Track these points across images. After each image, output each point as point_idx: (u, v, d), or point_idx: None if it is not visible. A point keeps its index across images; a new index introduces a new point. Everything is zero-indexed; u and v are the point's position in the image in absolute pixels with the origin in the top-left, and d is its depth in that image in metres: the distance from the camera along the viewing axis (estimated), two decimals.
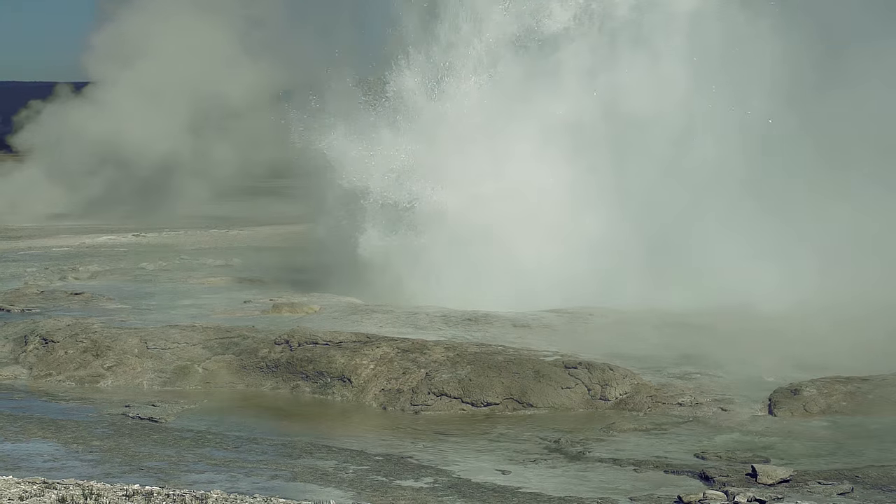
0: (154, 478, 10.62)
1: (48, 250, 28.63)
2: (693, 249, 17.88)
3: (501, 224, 18.57)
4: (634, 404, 13.41)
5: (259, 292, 20.01)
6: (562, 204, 19.02)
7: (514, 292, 18.04)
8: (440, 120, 19.85)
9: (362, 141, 19.91)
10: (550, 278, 18.16)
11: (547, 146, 19.46)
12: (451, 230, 18.85)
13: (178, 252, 27.52)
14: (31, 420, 13.16)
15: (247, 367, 15.22)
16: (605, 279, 17.97)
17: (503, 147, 19.43)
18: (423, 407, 13.79)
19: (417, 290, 18.66)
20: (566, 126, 19.45)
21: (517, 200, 18.79)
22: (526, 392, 13.74)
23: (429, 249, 18.94)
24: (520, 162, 19.24)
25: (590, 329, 16.69)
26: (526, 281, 18.22)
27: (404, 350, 14.76)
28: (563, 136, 19.41)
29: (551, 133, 19.51)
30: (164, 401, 14.23)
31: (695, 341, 15.86)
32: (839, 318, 15.51)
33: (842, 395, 13.15)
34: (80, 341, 16.06)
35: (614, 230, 18.48)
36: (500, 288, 18.18)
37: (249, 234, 32.09)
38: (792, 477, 10.50)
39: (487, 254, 18.46)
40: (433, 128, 19.80)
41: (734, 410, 13.00)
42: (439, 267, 18.78)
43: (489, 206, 18.75)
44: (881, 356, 14.17)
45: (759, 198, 18.41)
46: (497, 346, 15.00)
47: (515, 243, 18.45)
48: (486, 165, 19.26)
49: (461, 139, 19.54)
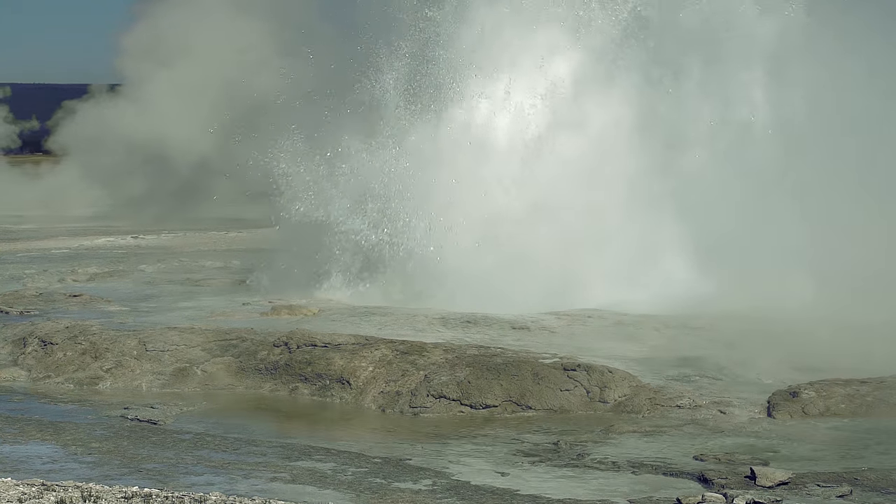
0: (153, 480, 10.60)
1: (47, 252, 28.65)
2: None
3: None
4: (633, 406, 13.41)
5: (258, 294, 20.00)
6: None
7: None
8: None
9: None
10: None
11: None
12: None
13: (177, 254, 27.55)
14: (30, 422, 13.15)
15: (246, 369, 15.21)
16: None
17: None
18: (421, 409, 13.79)
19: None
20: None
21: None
22: (525, 394, 13.74)
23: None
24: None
25: (589, 331, 16.70)
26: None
27: (403, 352, 14.76)
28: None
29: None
30: (163, 403, 14.23)
31: (694, 343, 15.89)
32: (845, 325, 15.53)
33: (841, 397, 13.16)
34: (78, 343, 16.06)
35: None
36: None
37: (248, 235, 32.12)
38: (791, 479, 10.50)
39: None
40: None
41: (733, 413, 13.00)
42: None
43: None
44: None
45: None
46: (496, 349, 15.00)
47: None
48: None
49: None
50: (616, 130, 19.87)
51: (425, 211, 19.39)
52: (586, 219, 19.03)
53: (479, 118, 20.08)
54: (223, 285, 21.84)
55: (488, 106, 20.12)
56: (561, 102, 20.05)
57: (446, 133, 19.95)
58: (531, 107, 19.95)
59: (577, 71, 20.27)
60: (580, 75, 20.24)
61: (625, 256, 18.92)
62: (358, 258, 19.87)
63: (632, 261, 18.87)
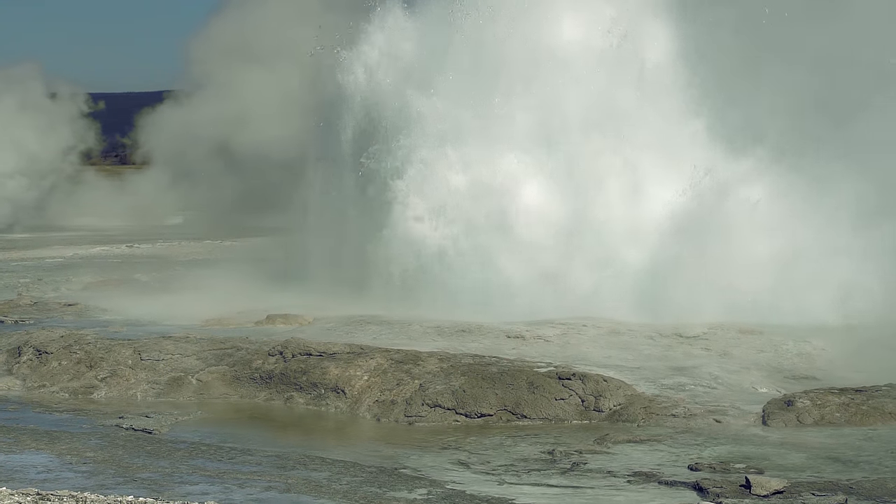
0: (148, 489, 10.60)
1: (42, 261, 28.67)
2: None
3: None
4: (628, 415, 13.41)
5: (253, 303, 19.99)
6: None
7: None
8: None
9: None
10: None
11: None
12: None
13: (171, 263, 27.55)
14: (25, 431, 13.15)
15: (241, 379, 15.21)
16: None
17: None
18: (416, 418, 13.79)
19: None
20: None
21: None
22: (520, 403, 13.74)
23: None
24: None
25: (583, 340, 16.71)
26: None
27: (398, 361, 14.76)
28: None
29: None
30: (158, 412, 14.22)
31: (688, 352, 15.91)
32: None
33: (835, 406, 13.17)
34: (73, 352, 16.05)
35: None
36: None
37: (242, 244, 32.14)
38: (786, 488, 10.50)
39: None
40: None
41: (728, 422, 13.01)
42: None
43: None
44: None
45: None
46: (491, 358, 15.01)
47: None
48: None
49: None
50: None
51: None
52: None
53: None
54: (218, 294, 21.81)
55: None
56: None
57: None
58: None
59: None
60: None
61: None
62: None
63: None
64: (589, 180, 19.75)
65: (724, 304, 17.50)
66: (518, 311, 18.03)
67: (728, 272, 17.79)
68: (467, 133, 20.20)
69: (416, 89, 20.52)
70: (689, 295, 17.73)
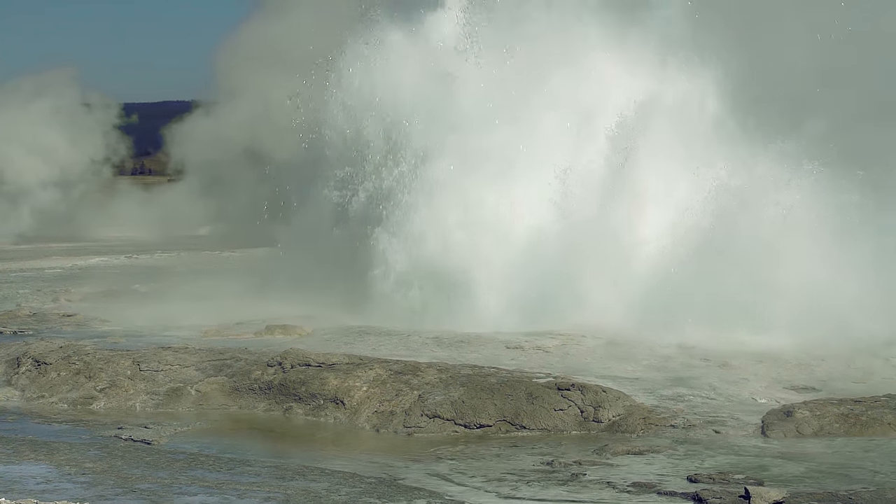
0: (147, 500, 10.60)
1: (41, 272, 28.68)
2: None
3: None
4: (627, 426, 13.41)
5: (252, 314, 19.99)
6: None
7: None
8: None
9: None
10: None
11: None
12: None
13: (170, 274, 27.54)
14: (24, 442, 13.13)
15: (240, 389, 15.21)
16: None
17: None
18: (415, 429, 13.78)
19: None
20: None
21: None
22: (519, 414, 13.74)
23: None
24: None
25: (582, 351, 16.72)
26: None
27: (397, 372, 14.76)
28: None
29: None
30: (157, 423, 14.22)
31: (687, 363, 15.91)
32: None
33: (835, 416, 13.17)
34: (72, 363, 16.05)
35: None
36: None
37: (241, 256, 32.14)
38: (785, 499, 10.50)
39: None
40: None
41: (727, 432, 13.01)
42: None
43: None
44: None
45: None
46: (490, 368, 15.01)
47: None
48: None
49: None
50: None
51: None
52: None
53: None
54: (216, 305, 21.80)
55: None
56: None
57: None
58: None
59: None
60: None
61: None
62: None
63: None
64: (589, 185, 19.66)
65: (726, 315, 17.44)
66: (517, 322, 18.04)
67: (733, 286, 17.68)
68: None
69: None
70: (690, 306, 17.67)
